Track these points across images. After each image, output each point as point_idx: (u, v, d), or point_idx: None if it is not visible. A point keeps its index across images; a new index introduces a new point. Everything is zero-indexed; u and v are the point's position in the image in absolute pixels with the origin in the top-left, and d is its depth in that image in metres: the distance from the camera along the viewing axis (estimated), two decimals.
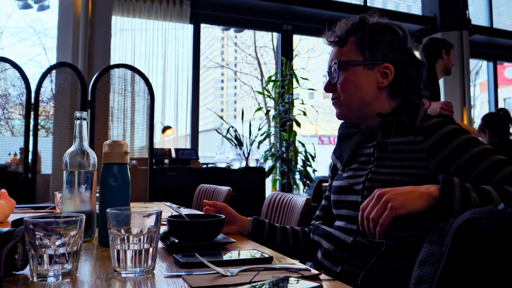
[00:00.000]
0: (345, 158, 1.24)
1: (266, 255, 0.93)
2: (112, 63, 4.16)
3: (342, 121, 1.34)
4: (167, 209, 1.55)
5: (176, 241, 1.07)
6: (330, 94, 1.26)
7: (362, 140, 1.22)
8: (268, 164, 4.94)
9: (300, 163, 4.87)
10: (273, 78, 5.13)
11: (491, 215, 0.73)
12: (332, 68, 1.22)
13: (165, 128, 4.50)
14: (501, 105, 7.07)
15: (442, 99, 5.59)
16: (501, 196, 0.92)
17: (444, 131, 1.10)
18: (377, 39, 1.19)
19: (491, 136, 3.39)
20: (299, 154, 4.85)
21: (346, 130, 1.30)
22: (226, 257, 0.93)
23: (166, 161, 4.17)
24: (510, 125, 3.43)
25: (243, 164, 4.50)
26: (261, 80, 9.84)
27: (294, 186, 4.82)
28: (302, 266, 0.86)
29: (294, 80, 4.93)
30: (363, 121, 1.24)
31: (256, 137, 4.83)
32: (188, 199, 3.82)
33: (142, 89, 3.63)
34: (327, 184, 1.40)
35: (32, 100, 3.30)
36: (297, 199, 1.69)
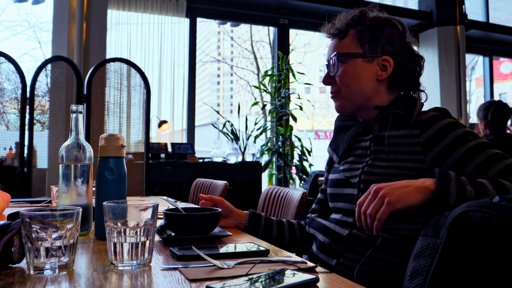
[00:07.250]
0: (342, 150, 1.25)
1: (263, 248, 0.93)
2: (107, 57, 4.14)
3: (338, 114, 1.34)
4: (164, 203, 1.55)
5: (173, 234, 1.07)
6: (327, 89, 1.26)
7: (359, 133, 1.23)
8: (265, 158, 4.94)
9: (296, 157, 4.88)
10: (269, 73, 5.12)
11: (486, 208, 0.73)
12: (331, 61, 1.23)
13: (161, 123, 4.49)
14: None
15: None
16: (497, 190, 0.93)
17: (440, 124, 1.10)
18: (377, 32, 1.19)
19: (486, 127, 3.27)
20: (295, 149, 4.86)
21: (343, 123, 1.30)
22: (223, 250, 0.93)
23: (162, 155, 4.17)
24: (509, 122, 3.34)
25: (240, 159, 4.50)
26: (258, 74, 9.84)
27: (290, 181, 4.83)
28: (298, 259, 0.86)
29: (290, 74, 4.93)
30: (361, 113, 1.25)
31: (252, 131, 4.84)
32: (185, 193, 3.82)
33: (138, 83, 3.62)
34: (323, 178, 1.40)
35: (28, 94, 3.29)
36: (293, 193, 1.69)
